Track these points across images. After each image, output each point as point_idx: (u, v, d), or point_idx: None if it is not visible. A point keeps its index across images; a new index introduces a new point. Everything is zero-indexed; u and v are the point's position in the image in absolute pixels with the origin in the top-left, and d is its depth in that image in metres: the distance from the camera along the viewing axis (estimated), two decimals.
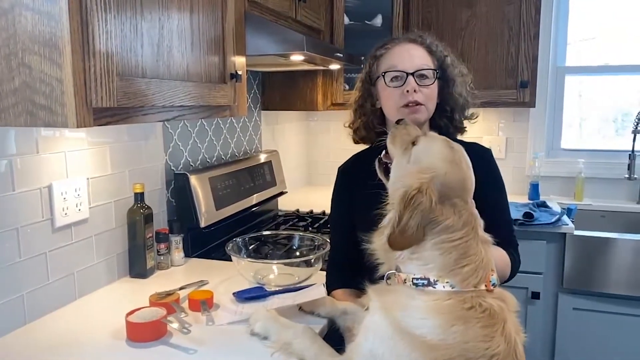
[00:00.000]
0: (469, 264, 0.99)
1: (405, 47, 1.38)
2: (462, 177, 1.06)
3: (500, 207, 1.40)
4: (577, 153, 2.95)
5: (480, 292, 0.97)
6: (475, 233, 1.02)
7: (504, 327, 0.95)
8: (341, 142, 3.27)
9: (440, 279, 0.98)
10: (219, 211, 1.95)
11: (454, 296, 0.96)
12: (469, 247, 1.00)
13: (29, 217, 1.30)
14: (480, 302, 0.95)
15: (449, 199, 1.02)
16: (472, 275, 0.98)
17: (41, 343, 1.20)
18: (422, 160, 1.07)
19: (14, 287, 1.27)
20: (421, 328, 0.93)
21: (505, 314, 0.98)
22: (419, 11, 2.72)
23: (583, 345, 2.41)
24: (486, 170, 1.38)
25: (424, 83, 1.35)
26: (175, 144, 1.92)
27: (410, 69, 1.34)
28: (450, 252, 0.99)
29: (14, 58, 0.95)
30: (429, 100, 1.36)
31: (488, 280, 0.99)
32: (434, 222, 0.99)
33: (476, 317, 0.94)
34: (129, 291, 1.54)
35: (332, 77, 2.59)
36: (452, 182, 1.03)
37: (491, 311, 0.95)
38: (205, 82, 1.35)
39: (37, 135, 1.32)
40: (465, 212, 1.03)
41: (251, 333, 1.22)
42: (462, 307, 0.94)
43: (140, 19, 1.09)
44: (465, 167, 1.09)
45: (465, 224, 1.01)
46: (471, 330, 0.92)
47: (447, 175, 1.03)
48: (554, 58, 2.94)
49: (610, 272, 2.34)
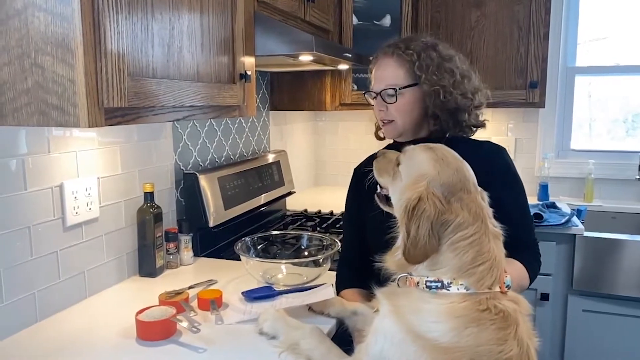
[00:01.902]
0: (484, 262, 0.97)
1: (381, 64, 1.43)
2: (455, 170, 1.05)
3: (517, 208, 1.37)
4: (587, 154, 2.92)
5: (495, 294, 0.96)
6: (486, 226, 1.01)
7: (517, 330, 0.94)
8: (349, 143, 3.30)
9: (454, 281, 0.97)
10: (228, 211, 1.95)
11: (469, 298, 0.95)
12: (482, 244, 0.99)
13: (40, 216, 1.31)
14: (495, 304, 0.94)
15: (453, 195, 1.01)
16: (487, 275, 0.97)
17: (52, 341, 1.22)
18: (411, 173, 1.07)
19: (25, 285, 1.28)
20: (434, 332, 0.92)
21: (518, 316, 0.96)
22: (427, 11, 2.72)
23: (593, 347, 2.39)
24: (498, 171, 1.36)
25: (389, 101, 1.39)
26: (185, 143, 1.93)
27: (377, 89, 1.41)
28: (467, 251, 0.97)
29: (27, 59, 0.96)
30: (398, 113, 1.40)
31: (502, 282, 0.99)
32: (445, 224, 0.98)
33: (490, 319, 0.92)
34: (138, 290, 1.55)
35: (340, 77, 2.59)
36: (448, 179, 1.02)
37: (505, 313, 0.94)
38: (214, 83, 1.35)
39: (49, 134, 1.33)
40: (472, 204, 1.01)
41: (260, 332, 1.23)
42: (477, 309, 0.93)
43: (151, 19, 1.09)
44: (453, 159, 1.08)
45: (476, 217, 1.00)
46: (484, 333, 0.91)
47: (441, 174, 1.03)
48: (563, 58, 2.92)
49: (621, 273, 2.32)
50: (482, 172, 1.38)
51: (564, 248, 2.39)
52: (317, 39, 1.76)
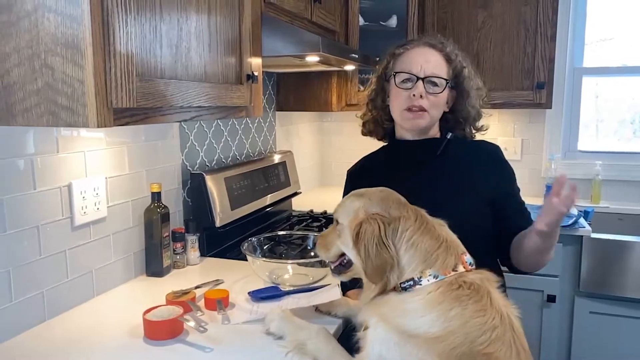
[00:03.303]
0: (440, 245, 1.05)
1: (422, 51, 1.40)
2: (379, 191, 1.16)
3: (518, 199, 1.45)
4: (594, 155, 2.91)
5: (461, 273, 1.03)
6: (426, 218, 1.10)
7: (491, 299, 0.99)
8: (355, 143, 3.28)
9: (422, 274, 1.02)
10: (234, 211, 1.96)
11: (441, 284, 1.01)
12: (431, 231, 1.07)
13: (49, 216, 1.32)
14: (464, 279, 1.01)
15: (390, 206, 1.10)
16: (447, 256, 1.04)
17: (60, 340, 1.22)
18: (348, 215, 1.14)
19: (34, 284, 1.29)
20: (423, 326, 0.96)
21: (487, 285, 1.02)
22: (434, 12, 2.71)
23: (600, 349, 2.38)
24: (498, 168, 1.45)
25: (432, 90, 1.37)
26: (192, 144, 1.94)
27: (421, 74, 1.36)
28: (421, 241, 1.05)
29: (37, 59, 0.97)
30: (433, 107, 1.39)
31: (464, 261, 1.05)
32: (395, 231, 1.06)
33: (466, 294, 0.99)
34: (145, 289, 1.56)
35: (346, 78, 2.59)
36: (379, 198, 1.12)
37: (475, 285, 1.00)
38: (222, 83, 1.36)
39: (57, 135, 1.34)
40: (407, 207, 1.11)
41: (266, 332, 1.23)
42: (452, 290, 0.99)
43: (159, 20, 1.10)
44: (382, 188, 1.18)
45: (415, 214, 1.09)
46: (467, 310, 0.96)
47: (370, 198, 1.12)
48: (571, 59, 2.90)
49: (628, 275, 2.30)
50: (481, 170, 1.44)
51: (571, 250, 2.38)
52: (324, 39, 1.76)
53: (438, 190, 1.39)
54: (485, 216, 1.39)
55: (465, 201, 1.37)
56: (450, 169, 1.43)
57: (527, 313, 1.69)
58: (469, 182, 1.40)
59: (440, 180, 1.41)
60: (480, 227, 1.37)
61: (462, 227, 1.33)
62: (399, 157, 1.48)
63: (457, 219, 1.34)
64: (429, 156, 1.44)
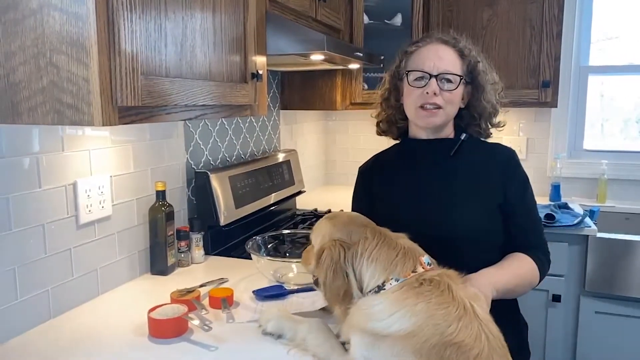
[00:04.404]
0: (397, 254, 1.10)
1: (434, 48, 1.38)
2: (346, 216, 1.21)
3: (526, 208, 1.41)
4: (600, 154, 2.89)
5: (421, 273, 1.08)
6: (385, 234, 1.15)
7: (452, 292, 1.03)
8: (360, 142, 3.29)
9: (385, 280, 1.07)
10: (239, 210, 1.96)
11: (403, 284, 1.06)
12: (389, 244, 1.12)
13: (54, 214, 1.33)
14: (424, 277, 1.06)
15: (352, 231, 1.14)
16: (406, 261, 1.09)
17: (65, 338, 1.23)
18: (317, 240, 1.20)
19: (39, 282, 1.29)
20: (393, 325, 1.00)
21: (446, 279, 1.06)
22: (439, 10, 2.70)
23: (605, 349, 2.37)
24: (511, 172, 1.41)
25: (446, 87, 1.35)
26: (196, 142, 1.94)
27: (434, 71, 1.35)
28: (379, 255, 1.10)
29: (42, 58, 0.97)
30: (448, 104, 1.37)
31: (422, 262, 1.10)
32: (355, 254, 1.11)
33: (427, 290, 1.03)
34: (150, 288, 1.56)
35: (351, 76, 2.59)
36: (343, 223, 1.17)
37: (434, 281, 1.05)
38: (227, 82, 1.36)
39: (62, 133, 1.34)
40: (367, 229, 1.15)
41: (263, 333, 1.22)
42: (414, 287, 1.04)
43: (164, 18, 1.10)
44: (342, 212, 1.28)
45: (374, 234, 1.14)
46: (431, 303, 1.01)
47: (335, 223, 1.17)
48: (576, 57, 2.89)
49: (634, 275, 2.29)
50: (494, 173, 1.41)
51: (577, 249, 2.36)
52: (329, 38, 1.76)
53: (450, 191, 1.38)
54: (495, 220, 1.37)
55: (476, 203, 1.35)
56: (463, 170, 1.40)
57: (532, 313, 1.69)
58: (481, 184, 1.38)
59: (453, 181, 1.39)
60: (490, 230, 1.35)
61: (470, 228, 1.33)
62: (412, 156, 1.47)
63: (467, 221, 1.33)
64: (443, 156, 1.42)
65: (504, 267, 1.31)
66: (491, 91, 1.43)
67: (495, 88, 1.45)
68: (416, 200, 1.40)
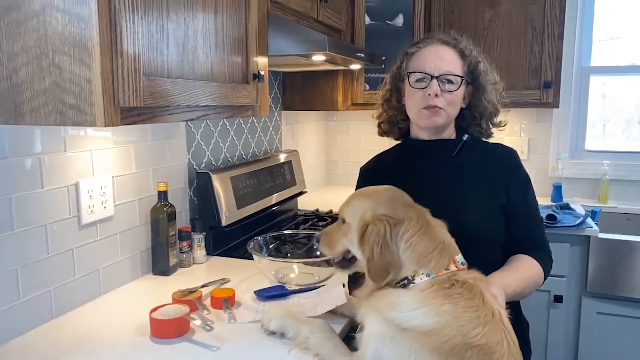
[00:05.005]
0: (435, 247, 1.08)
1: (435, 49, 1.39)
2: (386, 190, 1.19)
3: (529, 208, 1.42)
4: (602, 154, 2.89)
5: (453, 272, 1.07)
6: (428, 219, 1.13)
7: (484, 298, 1.03)
8: (361, 142, 3.29)
9: (415, 273, 1.06)
10: (240, 210, 1.96)
11: (434, 282, 1.05)
12: (429, 232, 1.10)
13: (56, 214, 1.33)
14: (457, 278, 1.05)
15: (397, 208, 1.13)
16: (440, 258, 1.08)
17: (67, 338, 1.23)
18: (355, 216, 1.16)
19: (42, 282, 1.30)
20: (415, 319, 1.00)
21: (480, 284, 1.05)
22: (440, 11, 2.70)
23: (607, 350, 2.36)
24: (513, 172, 1.41)
25: (447, 88, 1.36)
26: (198, 143, 1.94)
27: (435, 73, 1.35)
28: (418, 243, 1.08)
29: (45, 59, 0.97)
30: (450, 105, 1.37)
31: (456, 261, 1.09)
32: (397, 232, 1.09)
33: (458, 292, 1.02)
34: (152, 288, 1.56)
35: (352, 77, 2.59)
36: (386, 199, 1.15)
37: (468, 284, 1.04)
38: (228, 82, 1.36)
39: (65, 134, 1.35)
40: (412, 209, 1.14)
41: (266, 332, 1.22)
42: (444, 288, 1.03)
43: (166, 19, 1.10)
44: (380, 187, 1.22)
45: (419, 216, 1.12)
46: (459, 306, 1.00)
47: (377, 199, 1.15)
48: (578, 58, 2.89)
49: (636, 276, 2.29)
50: (496, 174, 1.41)
51: (578, 250, 2.36)
52: (330, 38, 1.76)
53: (451, 191, 1.38)
54: (498, 220, 1.37)
55: (477, 204, 1.36)
56: (464, 170, 1.40)
57: (534, 313, 1.68)
58: (483, 185, 1.38)
59: (454, 182, 1.39)
60: (492, 230, 1.35)
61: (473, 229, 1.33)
62: (414, 157, 1.47)
63: (468, 221, 1.33)
64: (444, 157, 1.42)
65: (512, 270, 1.31)
66: (492, 91, 1.43)
67: (496, 88, 1.45)
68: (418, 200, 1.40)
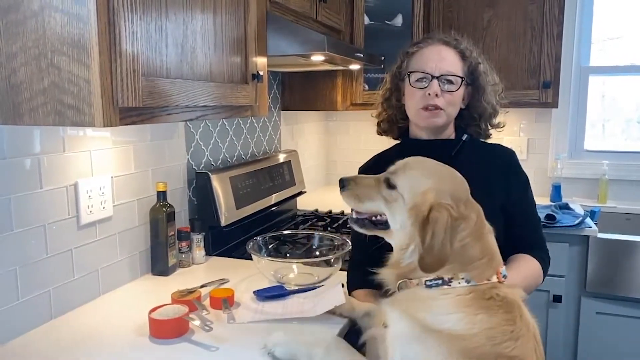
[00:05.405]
0: (485, 256, 1.04)
1: (436, 49, 1.39)
2: (452, 177, 1.12)
3: (528, 208, 1.42)
4: (601, 154, 2.89)
5: (494, 283, 1.03)
6: (484, 223, 1.08)
7: (522, 314, 1.00)
8: (360, 142, 3.29)
9: (454, 276, 1.01)
10: (239, 210, 1.96)
11: (473, 290, 1.00)
12: (484, 239, 1.06)
13: (55, 215, 1.33)
14: (497, 292, 1.01)
15: (459, 200, 1.07)
16: (487, 268, 1.03)
17: (66, 338, 1.23)
18: (415, 189, 1.07)
19: (40, 282, 1.30)
20: (447, 323, 0.96)
21: (519, 302, 1.02)
22: (439, 11, 2.71)
23: (606, 350, 2.37)
24: (512, 173, 1.42)
25: (447, 89, 1.36)
26: (197, 143, 1.94)
27: (435, 73, 1.35)
28: (473, 246, 1.03)
29: (44, 59, 0.97)
30: (449, 105, 1.37)
31: (499, 273, 1.05)
32: (456, 228, 1.02)
33: (497, 305, 0.98)
34: (151, 288, 1.56)
35: (351, 77, 2.59)
36: (450, 187, 1.08)
37: (508, 300, 1.00)
38: (227, 83, 1.36)
39: (64, 134, 1.34)
40: (472, 206, 1.08)
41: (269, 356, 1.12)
42: (483, 298, 0.99)
43: (165, 19, 1.10)
44: (445, 168, 1.14)
45: (477, 216, 1.07)
46: (494, 318, 0.96)
47: (442, 184, 1.08)
48: (577, 58, 2.89)
49: (635, 276, 2.29)
50: (495, 174, 1.41)
51: (577, 250, 2.36)
52: (329, 38, 1.76)
53: None
54: (498, 220, 1.37)
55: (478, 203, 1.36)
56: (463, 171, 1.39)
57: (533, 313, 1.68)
58: (483, 185, 1.37)
59: None
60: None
61: None
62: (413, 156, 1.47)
63: None
64: (443, 157, 1.42)
65: (513, 270, 1.30)
66: (491, 92, 1.43)
67: (496, 89, 1.46)
68: None
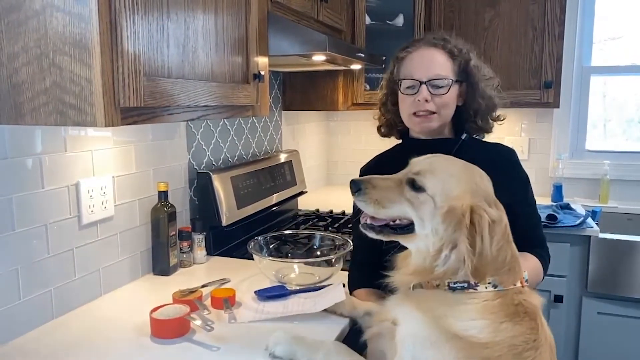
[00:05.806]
0: (513, 260, 1.02)
1: (423, 53, 1.39)
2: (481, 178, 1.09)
3: (528, 207, 1.42)
4: (602, 154, 2.89)
5: (519, 288, 1.01)
6: (508, 229, 1.05)
7: (542, 322, 1.00)
8: (361, 142, 3.29)
9: (481, 280, 0.98)
10: (240, 210, 1.96)
11: (500, 295, 0.98)
12: (511, 242, 1.04)
13: (57, 214, 1.33)
14: (524, 298, 0.99)
15: (492, 202, 1.05)
16: (514, 272, 1.02)
17: (68, 338, 1.23)
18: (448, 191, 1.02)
19: (42, 282, 1.30)
20: (470, 329, 0.94)
21: (540, 313, 1.01)
22: (441, 11, 2.71)
23: (607, 350, 2.36)
24: (512, 172, 1.42)
25: (437, 92, 1.36)
26: (198, 143, 1.94)
27: (424, 78, 1.35)
28: (506, 250, 1.01)
29: (45, 59, 0.97)
30: (442, 107, 1.37)
31: (522, 277, 1.04)
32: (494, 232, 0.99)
33: (523, 312, 0.97)
34: (152, 288, 1.56)
35: (353, 77, 2.59)
36: (483, 189, 1.05)
37: (533, 308, 1.00)
38: (228, 82, 1.36)
39: (65, 134, 1.35)
40: (501, 208, 1.05)
41: (270, 356, 1.12)
42: (511, 304, 0.97)
43: (166, 19, 1.10)
44: (473, 168, 1.11)
45: (505, 220, 1.04)
46: (518, 326, 0.95)
47: (476, 184, 1.05)
48: (578, 58, 2.89)
49: (636, 276, 2.29)
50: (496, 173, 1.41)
51: (579, 250, 2.36)
52: (331, 38, 1.76)
53: None
54: None
55: None
56: None
57: None
58: None
59: None
60: None
61: None
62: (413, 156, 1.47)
63: None
64: None
65: None
66: (486, 87, 1.42)
67: (490, 83, 1.44)
68: None
